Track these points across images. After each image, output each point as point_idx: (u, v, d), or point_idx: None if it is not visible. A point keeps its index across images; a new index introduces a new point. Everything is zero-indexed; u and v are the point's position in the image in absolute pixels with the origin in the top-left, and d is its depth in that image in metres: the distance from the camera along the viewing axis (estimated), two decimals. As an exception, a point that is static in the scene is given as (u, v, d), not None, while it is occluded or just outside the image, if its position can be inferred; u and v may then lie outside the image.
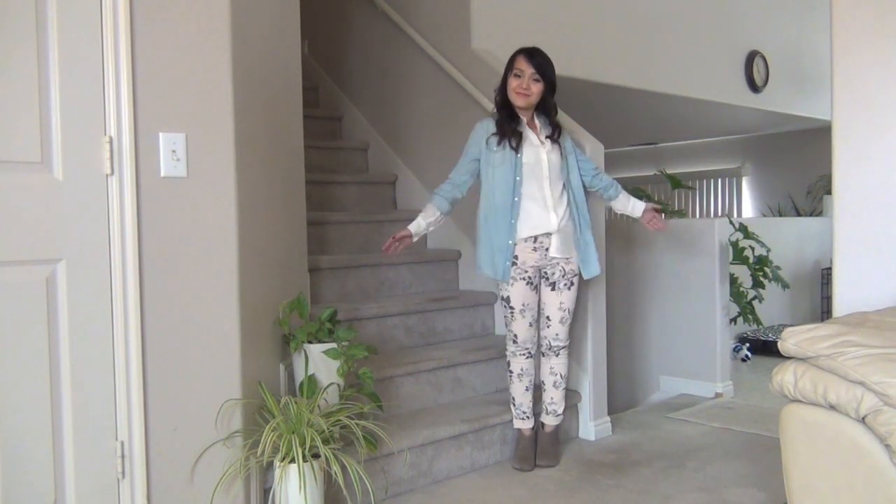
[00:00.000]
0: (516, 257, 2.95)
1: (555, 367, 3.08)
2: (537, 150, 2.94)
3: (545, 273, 3.01)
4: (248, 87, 2.41)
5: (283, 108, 2.84)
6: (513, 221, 2.91)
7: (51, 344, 1.99)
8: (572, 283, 3.02)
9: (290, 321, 2.67)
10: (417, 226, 2.96)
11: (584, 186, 3.08)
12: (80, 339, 2.02)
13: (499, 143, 2.93)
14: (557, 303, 3.01)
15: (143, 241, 2.11)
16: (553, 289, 3.00)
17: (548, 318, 3.04)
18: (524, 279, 2.96)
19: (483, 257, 2.99)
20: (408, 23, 4.20)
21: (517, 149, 2.92)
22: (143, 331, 2.12)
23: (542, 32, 4.03)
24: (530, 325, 3.02)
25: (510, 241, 2.92)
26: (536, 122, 3.01)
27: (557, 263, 2.98)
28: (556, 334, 3.05)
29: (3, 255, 1.92)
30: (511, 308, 2.99)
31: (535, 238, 2.94)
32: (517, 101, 2.92)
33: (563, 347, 3.07)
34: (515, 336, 3.02)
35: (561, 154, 2.99)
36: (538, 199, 2.93)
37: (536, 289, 3.01)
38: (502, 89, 2.98)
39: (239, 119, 2.32)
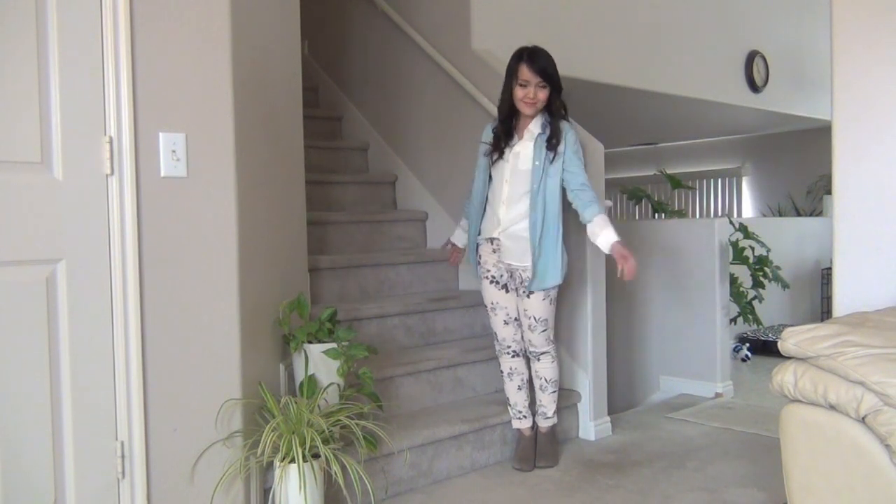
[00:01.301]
0: (480, 256, 3.04)
1: (539, 371, 3.05)
2: (507, 152, 2.92)
3: (513, 277, 2.98)
4: (248, 87, 2.41)
5: (283, 108, 2.84)
6: (477, 223, 3.02)
7: (51, 344, 1.99)
8: (532, 292, 2.91)
9: (290, 321, 2.67)
10: (459, 238, 3.25)
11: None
12: (80, 339, 2.02)
13: (488, 152, 2.98)
14: (522, 310, 2.98)
15: (143, 241, 2.11)
16: (517, 294, 2.98)
17: (521, 324, 3.03)
18: (487, 278, 3.02)
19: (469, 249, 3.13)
20: (408, 23, 4.20)
21: (499, 158, 2.94)
22: (143, 331, 2.12)
23: (543, 32, 4.03)
24: (506, 324, 3.02)
25: (475, 240, 3.04)
26: (530, 124, 2.92)
27: (516, 270, 2.94)
28: (530, 341, 3.00)
29: (3, 255, 1.92)
30: (485, 305, 3.08)
31: (492, 240, 2.98)
32: (525, 110, 2.89)
33: (543, 353, 3.01)
34: (496, 334, 3.07)
35: (543, 156, 2.84)
36: (493, 202, 2.96)
37: (506, 288, 3.00)
38: (507, 97, 2.91)
39: (239, 119, 2.32)
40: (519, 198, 2.90)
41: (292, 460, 2.25)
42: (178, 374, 2.19)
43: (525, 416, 3.08)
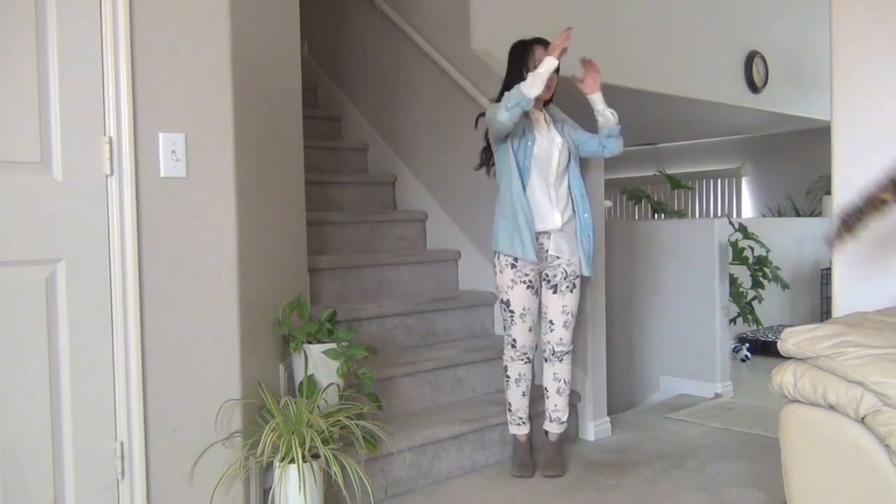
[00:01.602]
0: (516, 260, 2.87)
1: (558, 372, 3.00)
2: (549, 143, 2.90)
3: (546, 275, 2.94)
4: (247, 87, 2.41)
5: (282, 109, 2.83)
6: (528, 213, 2.84)
7: (50, 344, 1.98)
8: (574, 286, 2.94)
9: (290, 321, 2.67)
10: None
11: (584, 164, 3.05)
12: (79, 339, 2.02)
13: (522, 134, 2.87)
14: (560, 306, 2.93)
15: (143, 242, 2.11)
16: (555, 291, 2.92)
17: (551, 322, 2.95)
18: (524, 283, 2.88)
19: (503, 237, 2.86)
20: (407, 23, 4.20)
21: (531, 139, 2.86)
22: (143, 331, 2.11)
23: (542, 33, 4.01)
24: (530, 330, 2.95)
25: (534, 229, 2.86)
26: (544, 113, 2.97)
27: (559, 265, 2.91)
28: (560, 339, 2.96)
29: (3, 255, 1.91)
30: (511, 312, 2.91)
31: (539, 235, 2.90)
32: (544, 94, 2.85)
33: (567, 353, 2.99)
34: (514, 341, 2.94)
35: (565, 147, 2.94)
36: (544, 194, 2.87)
37: (537, 293, 2.95)
38: (513, 81, 2.82)
39: (238, 119, 2.32)
40: (567, 189, 2.93)
41: (292, 461, 2.25)
42: (178, 374, 2.19)
43: (525, 423, 3.04)
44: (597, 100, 2.94)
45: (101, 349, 2.06)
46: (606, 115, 2.95)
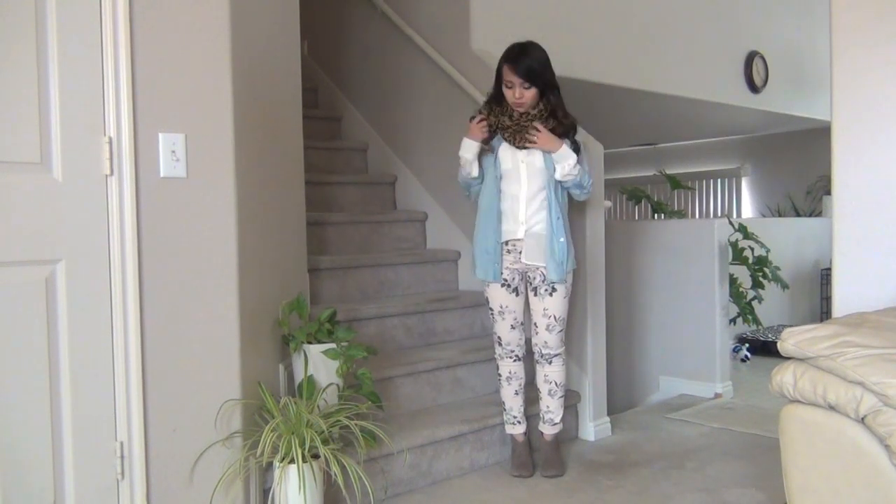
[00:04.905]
0: None
1: (548, 375, 3.00)
2: (514, 153, 2.87)
3: (529, 278, 2.94)
4: (247, 87, 2.41)
5: (282, 109, 2.84)
6: (497, 224, 2.89)
7: (50, 344, 1.99)
8: (555, 290, 2.89)
9: (290, 321, 2.67)
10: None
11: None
12: (79, 339, 2.02)
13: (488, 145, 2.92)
14: (541, 309, 2.92)
15: (143, 242, 2.11)
16: (535, 294, 2.92)
17: (535, 324, 2.96)
18: (499, 281, 2.93)
19: (476, 260, 2.97)
20: (407, 23, 4.20)
21: (497, 152, 2.90)
22: (143, 331, 2.12)
23: (542, 33, 4.01)
24: (512, 328, 2.96)
25: (498, 242, 2.90)
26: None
27: (537, 269, 2.89)
28: (545, 342, 2.95)
29: (2, 255, 1.91)
30: (491, 309, 2.99)
31: (508, 241, 2.91)
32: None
33: (556, 355, 2.97)
34: (500, 338, 2.99)
35: (539, 166, 2.85)
36: (511, 204, 2.88)
37: (517, 292, 2.95)
38: (498, 97, 2.88)
39: (238, 119, 2.32)
40: (535, 198, 2.86)
41: (292, 461, 2.25)
42: (178, 374, 2.19)
43: (520, 422, 3.05)
44: (557, 157, 2.82)
45: (101, 349, 2.06)
46: (558, 169, 2.83)
